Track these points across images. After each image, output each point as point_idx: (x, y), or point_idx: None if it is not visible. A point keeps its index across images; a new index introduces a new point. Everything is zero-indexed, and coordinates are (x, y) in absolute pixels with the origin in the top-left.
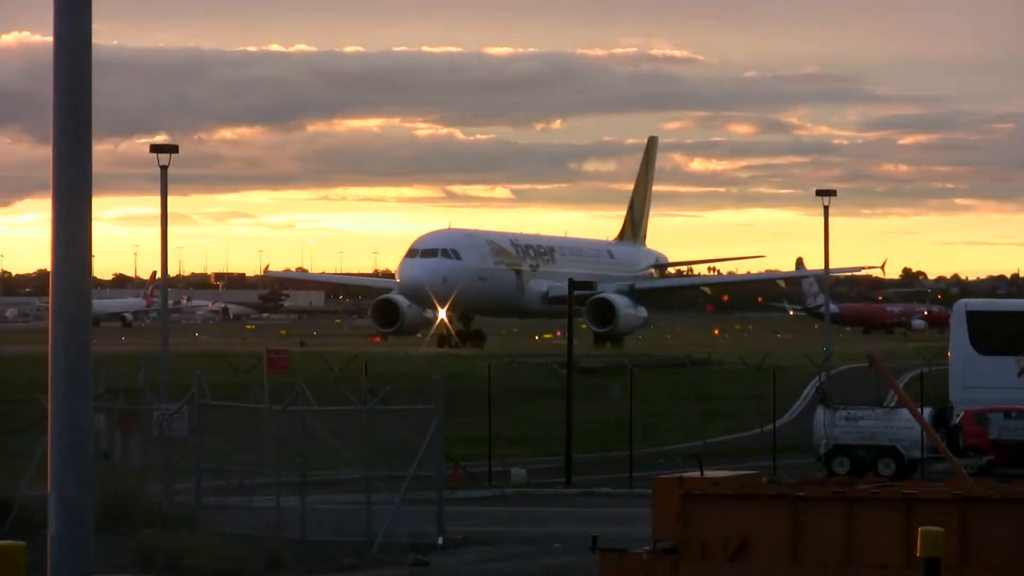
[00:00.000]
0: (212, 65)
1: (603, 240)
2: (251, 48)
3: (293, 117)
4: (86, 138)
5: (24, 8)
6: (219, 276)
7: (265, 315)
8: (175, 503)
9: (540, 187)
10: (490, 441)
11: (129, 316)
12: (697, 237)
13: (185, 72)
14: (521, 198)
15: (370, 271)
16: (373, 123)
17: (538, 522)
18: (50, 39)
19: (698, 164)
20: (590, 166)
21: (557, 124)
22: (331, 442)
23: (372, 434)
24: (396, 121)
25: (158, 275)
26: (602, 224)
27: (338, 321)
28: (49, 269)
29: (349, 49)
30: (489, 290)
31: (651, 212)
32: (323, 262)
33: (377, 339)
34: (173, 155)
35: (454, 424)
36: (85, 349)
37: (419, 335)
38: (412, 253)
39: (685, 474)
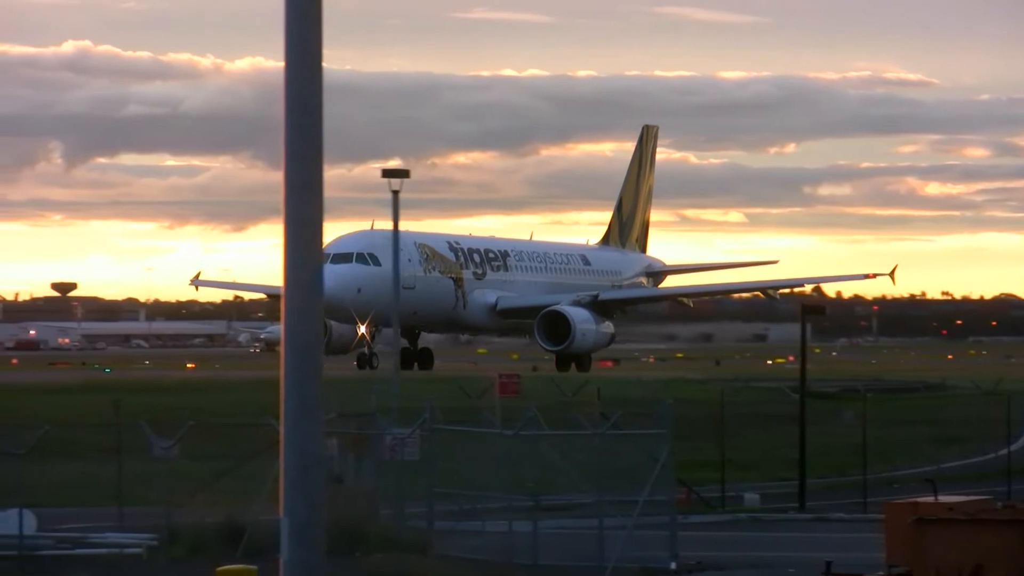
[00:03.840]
0: (445, 90)
1: (579, 244)
2: (484, 73)
3: (526, 141)
4: (317, 163)
5: (257, 33)
6: None
7: (497, 339)
8: (407, 527)
9: (773, 211)
10: (723, 465)
11: None
12: (930, 261)
13: (418, 97)
14: (755, 222)
15: None
16: (606, 147)
17: (771, 547)
18: (283, 64)
19: (932, 188)
20: (824, 190)
21: (791, 148)
22: (562, 466)
23: (604, 458)
24: (629, 145)
25: None
26: (836, 249)
27: None
28: (281, 294)
29: (581, 73)
30: (419, 302)
31: (882, 235)
32: None
33: (609, 363)
34: (405, 180)
35: (685, 448)
36: (316, 373)
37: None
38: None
39: (919, 499)
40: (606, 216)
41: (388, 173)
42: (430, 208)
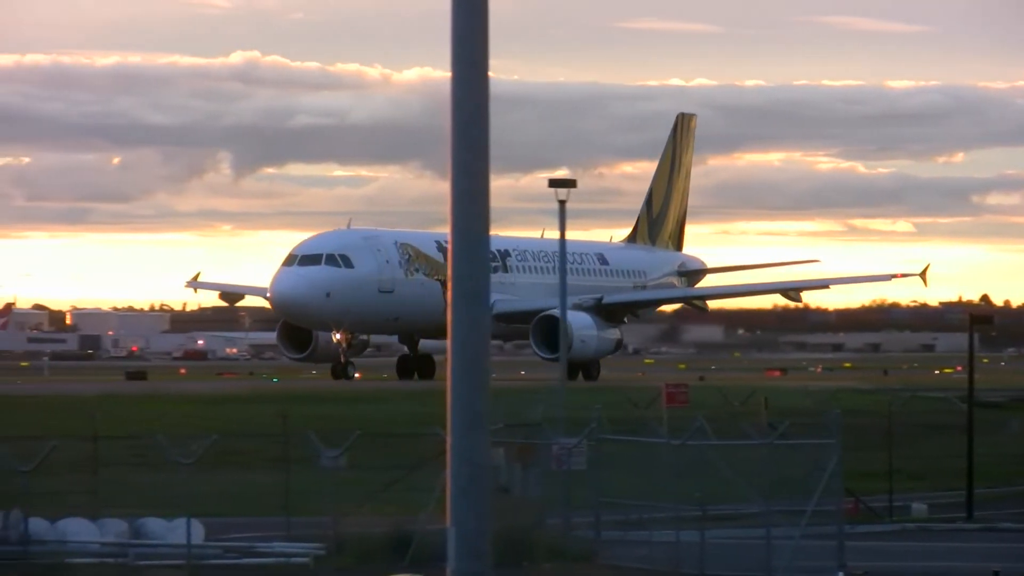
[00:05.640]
0: (612, 100)
1: (598, 242)
2: (651, 83)
3: (694, 151)
4: (484, 173)
5: (425, 43)
6: None
7: (664, 349)
8: (574, 537)
9: (942, 221)
10: (891, 475)
11: None
12: None
13: (585, 107)
14: (922, 232)
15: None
16: (774, 157)
17: (939, 557)
18: (450, 75)
19: None
20: (993, 200)
21: (959, 157)
22: (730, 476)
23: (772, 468)
24: (797, 155)
25: None
26: (1005, 259)
27: (737, 355)
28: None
29: (749, 83)
30: (400, 307)
31: None
32: None
33: (777, 373)
34: (572, 189)
35: (852, 458)
36: (483, 383)
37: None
38: (290, 260)
39: None
40: (775, 226)
41: (555, 183)
42: (597, 218)
